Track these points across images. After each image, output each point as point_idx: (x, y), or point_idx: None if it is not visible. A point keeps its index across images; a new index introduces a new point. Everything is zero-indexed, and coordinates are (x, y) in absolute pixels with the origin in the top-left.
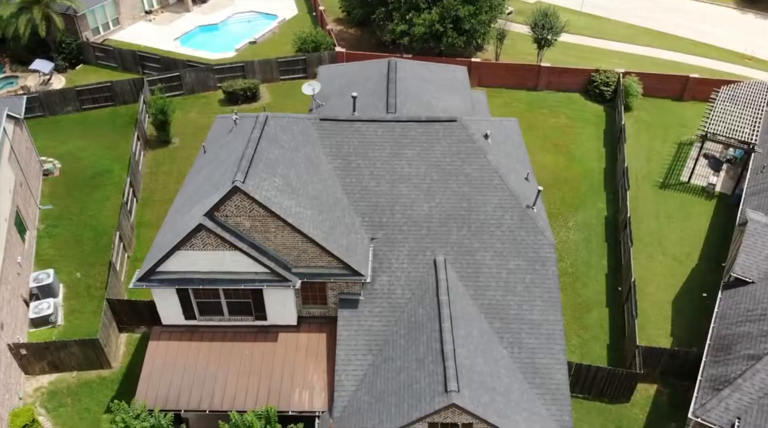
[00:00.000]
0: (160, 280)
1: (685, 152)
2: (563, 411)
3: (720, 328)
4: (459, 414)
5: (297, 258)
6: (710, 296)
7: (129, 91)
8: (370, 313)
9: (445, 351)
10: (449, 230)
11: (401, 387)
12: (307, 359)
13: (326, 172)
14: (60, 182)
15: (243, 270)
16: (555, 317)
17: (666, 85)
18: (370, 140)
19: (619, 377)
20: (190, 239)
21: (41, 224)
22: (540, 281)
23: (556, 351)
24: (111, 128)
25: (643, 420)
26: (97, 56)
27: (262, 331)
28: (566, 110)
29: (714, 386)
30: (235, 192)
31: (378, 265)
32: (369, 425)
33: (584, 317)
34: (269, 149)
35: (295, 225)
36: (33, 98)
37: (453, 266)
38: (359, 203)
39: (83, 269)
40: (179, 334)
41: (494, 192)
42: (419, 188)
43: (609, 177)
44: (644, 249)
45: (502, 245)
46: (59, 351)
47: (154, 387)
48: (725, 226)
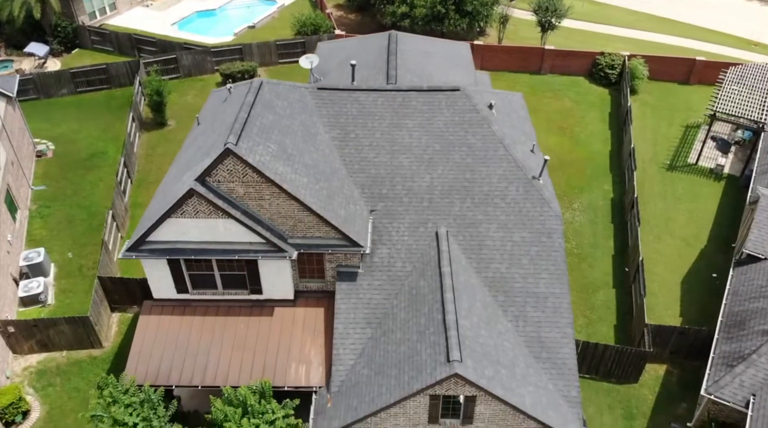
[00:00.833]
0: (150, 250)
1: (692, 134)
2: (570, 387)
3: (732, 305)
4: (462, 385)
5: (293, 228)
6: (720, 276)
7: (125, 73)
8: (369, 286)
9: (447, 321)
10: (452, 202)
11: (401, 359)
12: (303, 333)
13: (323, 142)
14: (53, 164)
15: (237, 240)
16: (561, 290)
17: (672, 69)
18: (370, 110)
19: (628, 356)
20: (181, 206)
21: (33, 205)
22: (546, 254)
23: (562, 325)
24: (106, 110)
25: (653, 401)
26: (93, 40)
27: (258, 305)
28: (570, 93)
29: (727, 362)
30: (228, 155)
31: (377, 237)
32: (368, 398)
33: (590, 298)
34: (263, 114)
35: (291, 192)
36: (27, 80)
37: (456, 238)
38: (358, 174)
39: (75, 250)
40: (171, 308)
41: (499, 163)
42: (420, 159)
43: (614, 160)
44: (651, 231)
45: (507, 217)
46: (48, 329)
47: (144, 362)
48: (734, 207)
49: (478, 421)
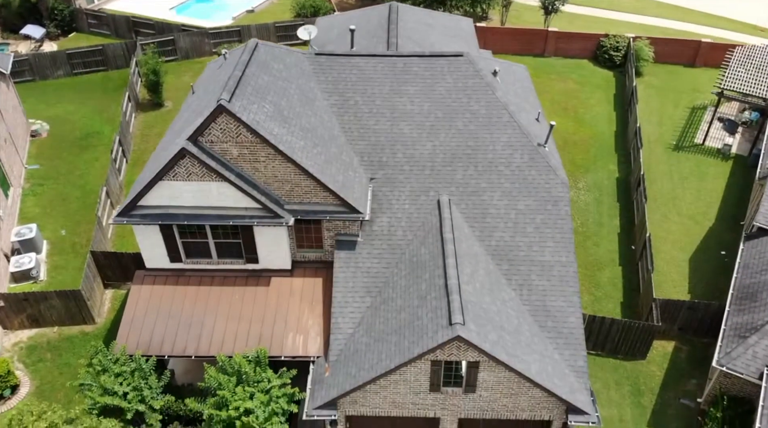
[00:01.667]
0: (141, 215)
1: (699, 115)
2: (577, 356)
3: (743, 278)
4: (464, 349)
5: (290, 193)
6: (729, 254)
7: (121, 55)
8: (368, 255)
9: (449, 286)
10: (454, 170)
11: (402, 325)
12: (301, 304)
13: (322, 108)
14: (48, 144)
15: (231, 205)
16: (568, 258)
17: (677, 51)
18: (369, 75)
19: (636, 330)
20: (173, 167)
21: (27, 183)
22: (552, 222)
23: (569, 294)
24: (102, 92)
25: (661, 377)
26: (89, 23)
27: (254, 276)
28: (575, 75)
29: (739, 334)
30: (220, 112)
31: (377, 206)
32: (367, 366)
33: (596, 275)
34: (259, 75)
35: (287, 153)
36: (23, 62)
37: (458, 207)
38: (357, 141)
39: (69, 227)
40: (164, 278)
41: (503, 130)
42: (422, 126)
43: (620, 140)
44: (658, 209)
45: (511, 184)
46: (39, 304)
47: (135, 332)
48: (742, 186)
49: (481, 389)
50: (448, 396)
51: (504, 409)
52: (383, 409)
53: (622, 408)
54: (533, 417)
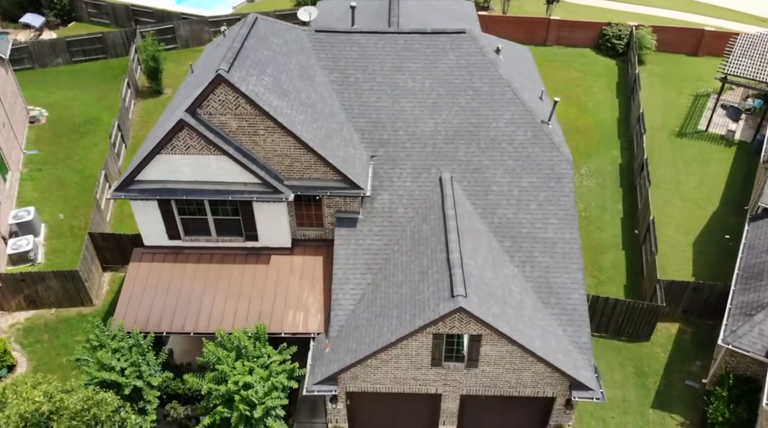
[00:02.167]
0: (139, 190)
1: (702, 103)
2: (581, 333)
3: (749, 258)
4: (466, 322)
5: (289, 168)
6: (733, 238)
7: (121, 43)
8: (369, 232)
9: (451, 260)
10: (456, 148)
11: (403, 300)
12: (301, 281)
13: (321, 84)
14: (46, 129)
15: (230, 180)
16: (571, 235)
17: (680, 40)
18: (370, 52)
19: (640, 311)
20: (171, 140)
21: (25, 168)
22: (555, 199)
23: (572, 270)
24: (102, 79)
25: (665, 359)
26: (89, 13)
27: (253, 253)
28: (577, 64)
29: (745, 312)
30: (219, 83)
31: (378, 183)
32: (368, 340)
33: (599, 259)
34: (257, 48)
35: (287, 126)
36: (22, 49)
37: (460, 184)
38: (358, 119)
39: (67, 211)
40: (162, 256)
41: (506, 107)
42: (424, 103)
43: (622, 127)
44: (661, 194)
45: (514, 162)
46: (36, 284)
47: (133, 309)
48: (746, 172)
49: (484, 364)
50: (449, 372)
51: (506, 385)
52: (384, 385)
53: (626, 389)
54: (536, 393)
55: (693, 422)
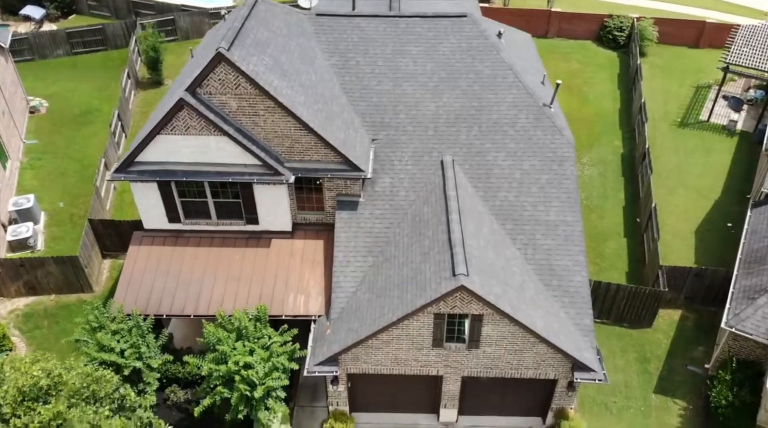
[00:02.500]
0: (139, 172)
1: (703, 94)
2: (583, 315)
3: (752, 242)
4: (468, 301)
5: (290, 149)
6: (736, 226)
7: (121, 34)
8: (371, 215)
9: (452, 240)
10: (458, 131)
11: (405, 280)
12: (302, 265)
13: (322, 67)
14: (46, 119)
15: (231, 162)
16: (573, 217)
17: (681, 32)
18: (371, 36)
19: (642, 296)
20: (171, 120)
21: (25, 157)
22: (557, 182)
23: (574, 253)
24: (102, 71)
25: (668, 345)
26: (89, 5)
27: (254, 237)
28: (578, 56)
29: (748, 296)
30: (219, 61)
31: (379, 167)
32: (369, 320)
33: (601, 247)
34: (258, 29)
35: (287, 105)
36: (22, 41)
37: (462, 167)
38: (359, 102)
39: (67, 200)
40: (162, 239)
41: (508, 90)
42: (425, 86)
43: (624, 117)
44: (663, 183)
45: (516, 145)
46: (36, 270)
47: (133, 292)
48: (748, 162)
49: (485, 345)
50: (451, 353)
51: (508, 366)
52: (385, 366)
53: (628, 374)
54: (538, 375)
55: (696, 407)
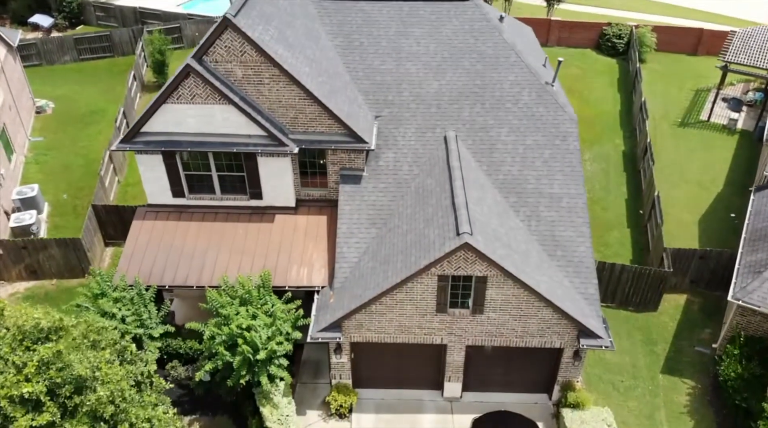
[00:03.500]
0: (145, 142)
1: (703, 97)
2: (588, 284)
3: (755, 222)
4: (472, 261)
5: (294, 120)
6: (739, 217)
7: (128, 41)
8: (374, 188)
9: (456, 204)
10: (461, 108)
11: (408, 245)
12: (306, 239)
13: (326, 47)
14: (52, 119)
15: (235, 132)
16: (577, 190)
17: (679, 39)
18: (375, 18)
19: (647, 278)
20: (177, 88)
21: (30, 153)
22: (560, 156)
23: (578, 224)
24: (108, 75)
25: (674, 328)
26: (97, 16)
27: (257, 213)
28: (578, 62)
29: (754, 270)
30: (226, 27)
31: (383, 142)
32: (373, 285)
33: (605, 236)
34: (263, 4)
35: (292, 73)
36: (30, 46)
37: (465, 142)
38: (363, 81)
39: (71, 192)
40: (166, 214)
41: (510, 69)
42: (428, 65)
43: (625, 118)
44: (666, 178)
45: (519, 121)
46: (38, 253)
47: (136, 264)
48: (749, 158)
49: (489, 310)
50: (455, 319)
51: (513, 334)
52: (389, 334)
53: (635, 356)
54: (543, 344)
55: (704, 386)
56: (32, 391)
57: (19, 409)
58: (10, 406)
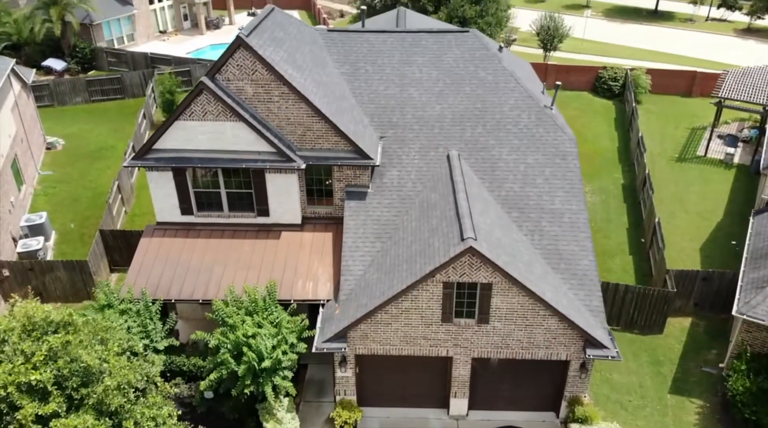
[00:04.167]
0: (156, 159)
1: (699, 134)
2: (592, 296)
3: (756, 243)
4: (477, 267)
5: (302, 137)
6: (740, 244)
7: (138, 83)
8: (378, 204)
9: (460, 214)
10: (463, 129)
11: (413, 255)
12: (311, 255)
13: (333, 73)
14: (62, 155)
15: (244, 149)
16: (578, 206)
17: (673, 82)
18: (379, 48)
19: (651, 298)
20: (190, 105)
21: (39, 186)
22: (561, 174)
23: (581, 239)
24: (118, 116)
25: (680, 350)
26: (109, 62)
27: (264, 230)
28: (575, 103)
29: (757, 286)
30: (238, 46)
31: (387, 161)
32: (378, 293)
33: (607, 263)
34: (274, 29)
35: (301, 90)
36: (42, 87)
37: (467, 161)
38: (367, 105)
39: (78, 221)
40: (174, 232)
41: (510, 94)
42: (431, 91)
43: (623, 154)
44: (666, 208)
45: (520, 141)
46: (44, 275)
47: (143, 278)
48: (747, 190)
49: (495, 319)
50: (461, 329)
51: (518, 345)
52: (394, 345)
53: (642, 376)
54: (549, 356)
55: (713, 404)
56: (40, 379)
57: (26, 397)
58: (17, 393)
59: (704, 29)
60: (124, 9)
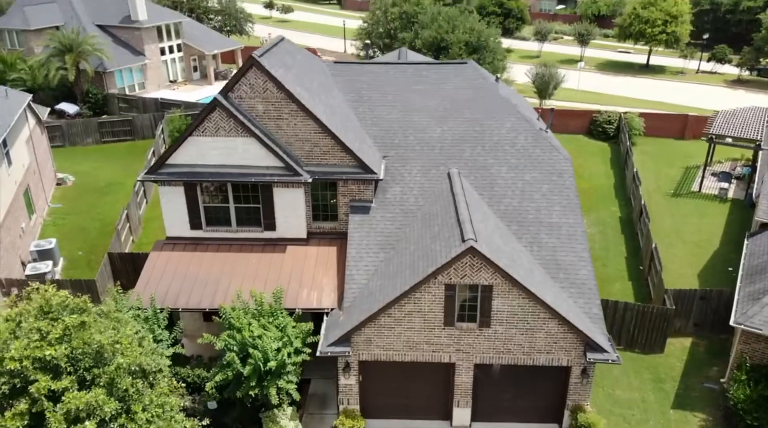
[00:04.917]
0: (169, 173)
1: (693, 172)
2: (592, 304)
3: (751, 261)
4: (478, 269)
5: (309, 153)
6: (737, 270)
7: (148, 125)
8: (382, 217)
9: (461, 220)
10: (462, 149)
11: (415, 260)
12: (316, 267)
13: (339, 97)
14: (72, 190)
15: (254, 164)
16: (575, 220)
17: (666, 125)
18: (383, 79)
19: (651, 316)
20: (204, 121)
21: (49, 217)
22: (558, 190)
23: (578, 250)
24: (128, 156)
25: (681, 368)
26: (120, 107)
27: (270, 244)
28: (571, 146)
29: (753, 297)
30: (251, 66)
31: (390, 178)
32: (381, 298)
33: (607, 288)
34: (283, 55)
35: (309, 108)
36: (54, 128)
37: (467, 178)
38: (371, 128)
39: (86, 249)
40: (182, 246)
41: (507, 118)
42: (432, 116)
43: (619, 190)
44: (663, 240)
45: (517, 160)
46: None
47: (151, 289)
48: (742, 222)
49: (496, 323)
50: (462, 333)
51: (519, 350)
52: (397, 350)
53: (644, 392)
54: (550, 361)
55: (715, 418)
56: (54, 355)
57: (40, 373)
58: (31, 368)
59: (695, 80)
60: (136, 59)
